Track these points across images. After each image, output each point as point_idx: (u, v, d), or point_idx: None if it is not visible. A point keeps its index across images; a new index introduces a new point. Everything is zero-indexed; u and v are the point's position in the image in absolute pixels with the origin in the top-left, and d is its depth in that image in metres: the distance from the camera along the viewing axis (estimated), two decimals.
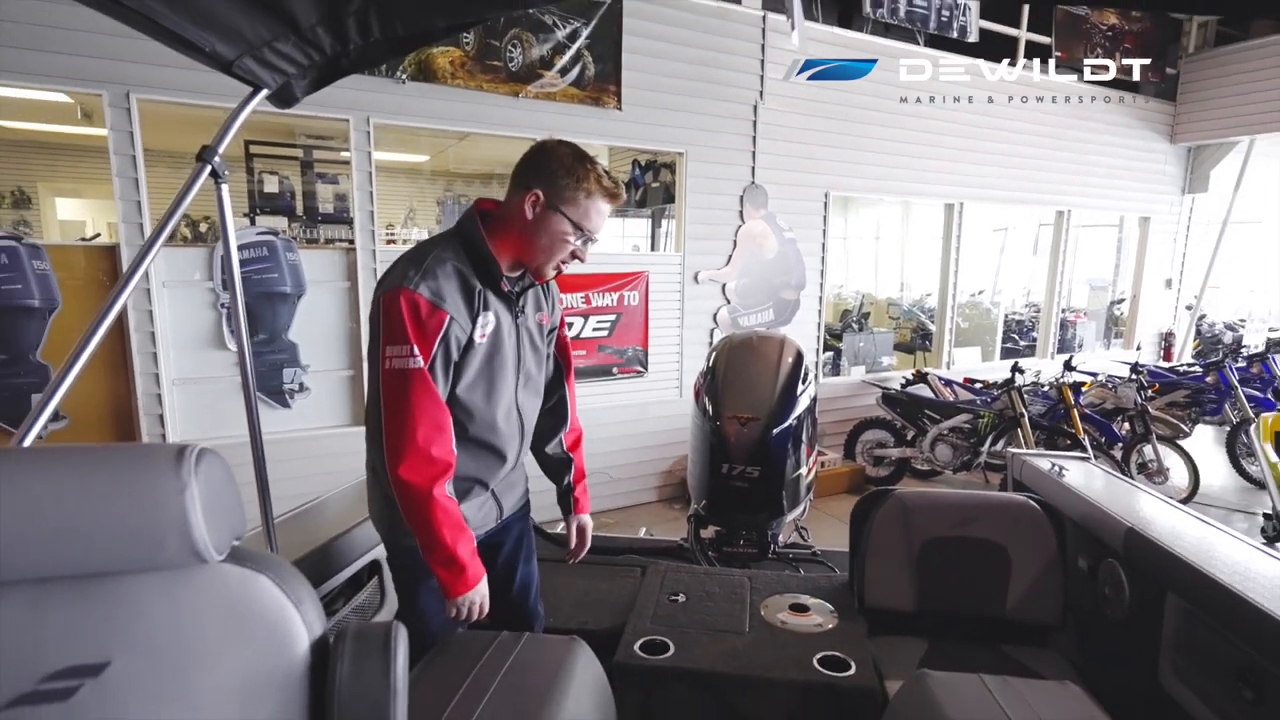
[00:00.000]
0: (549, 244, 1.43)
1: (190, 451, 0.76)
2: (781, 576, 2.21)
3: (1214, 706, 1.45)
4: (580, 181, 1.40)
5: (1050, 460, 2.36)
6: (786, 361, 2.60)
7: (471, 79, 4.22)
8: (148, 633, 0.75)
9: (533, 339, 1.58)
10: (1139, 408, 5.33)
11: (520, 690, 1.27)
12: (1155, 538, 1.69)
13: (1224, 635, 1.42)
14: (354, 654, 0.82)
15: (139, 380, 3.74)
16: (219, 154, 1.24)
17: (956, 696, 1.28)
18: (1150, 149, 7.57)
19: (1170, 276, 8.29)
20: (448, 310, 1.34)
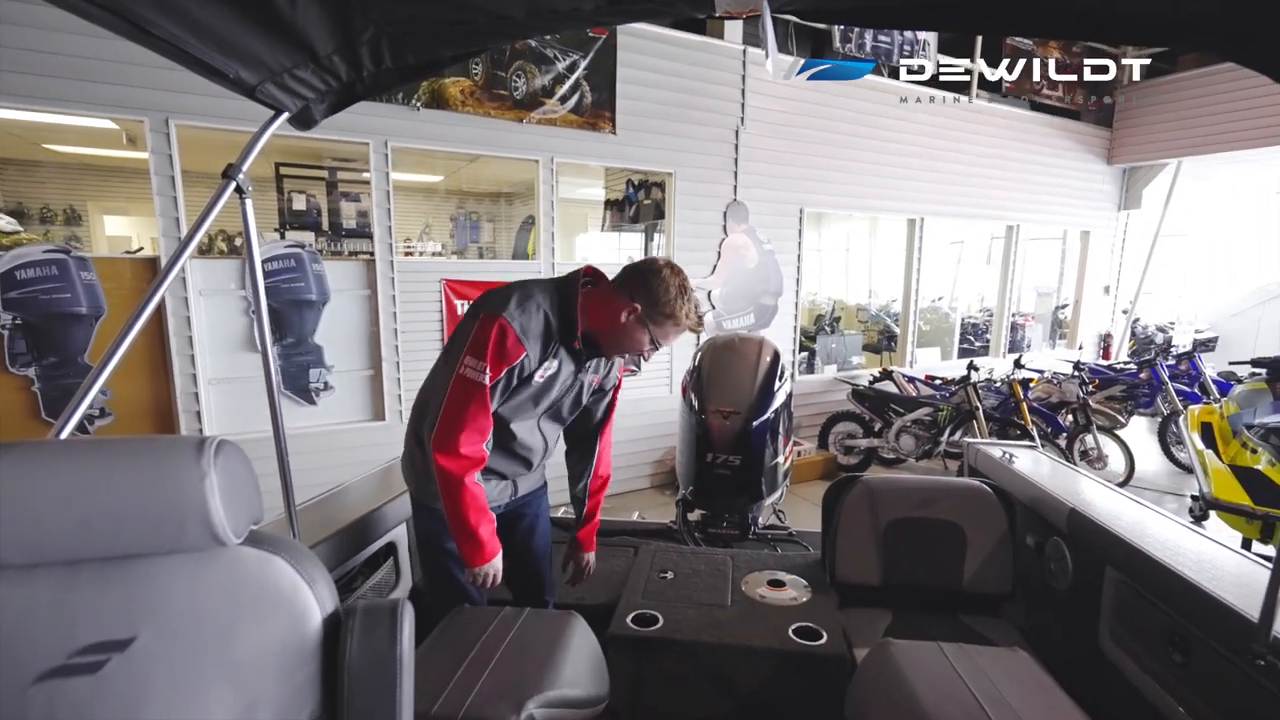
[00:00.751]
0: (628, 344, 1.54)
1: (210, 443, 0.74)
2: (761, 555, 2.19)
3: (1147, 668, 1.44)
4: (674, 314, 1.49)
5: (1001, 449, 2.35)
6: (765, 361, 2.58)
7: (480, 106, 4.20)
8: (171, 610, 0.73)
9: (580, 392, 1.66)
10: (1081, 401, 5.34)
11: (521, 660, 1.25)
12: (1095, 517, 1.68)
13: (1156, 604, 1.42)
14: (363, 629, 0.80)
15: (178, 380, 3.71)
16: (243, 171, 1.21)
17: (917, 662, 1.27)
18: (1090, 170, 7.60)
19: (1108, 284, 8.32)
20: (526, 348, 1.43)
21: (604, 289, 1.55)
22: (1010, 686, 1.19)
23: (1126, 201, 7.92)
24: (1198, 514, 4.12)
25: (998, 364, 6.83)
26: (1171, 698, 1.35)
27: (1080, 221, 7.76)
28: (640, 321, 1.49)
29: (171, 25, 0.98)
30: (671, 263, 1.54)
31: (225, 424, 3.88)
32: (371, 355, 4.21)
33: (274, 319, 3.90)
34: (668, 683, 1.68)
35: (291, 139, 5.00)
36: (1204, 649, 1.27)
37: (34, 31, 3.15)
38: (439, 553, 1.64)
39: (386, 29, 1.13)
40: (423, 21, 1.11)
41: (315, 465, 3.99)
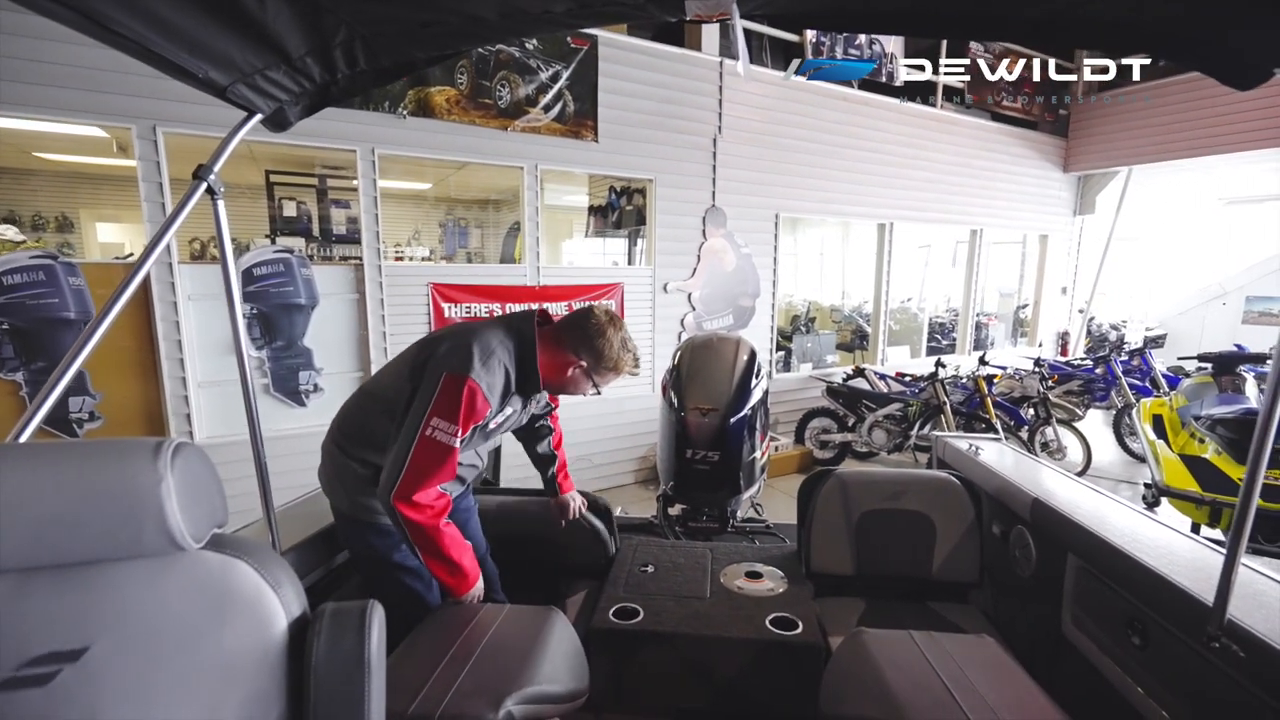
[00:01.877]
0: (573, 389, 1.62)
1: (167, 445, 0.69)
2: (739, 547, 2.17)
3: (1107, 651, 1.43)
4: (616, 367, 1.56)
5: (968, 442, 2.35)
6: (742, 359, 2.56)
7: (465, 115, 4.13)
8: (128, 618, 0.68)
9: (525, 413, 1.72)
10: (1041, 395, 5.39)
11: (501, 656, 1.21)
12: (1057, 506, 1.67)
13: (1115, 589, 1.41)
14: (330, 632, 0.76)
15: (167, 383, 3.60)
16: (214, 172, 1.16)
17: (888, 651, 1.24)
18: (1047, 177, 7.70)
19: (1065, 285, 8.44)
20: (491, 404, 1.44)
21: (550, 338, 1.54)
22: (978, 673, 1.17)
23: (1081, 207, 8.03)
24: (1150, 500, 4.17)
25: (964, 361, 6.89)
26: (1131, 679, 1.34)
27: (1039, 226, 7.86)
28: (586, 374, 1.57)
29: (137, 24, 0.93)
30: (612, 315, 1.57)
31: (216, 426, 3.78)
32: (360, 358, 4.13)
33: (263, 323, 3.81)
34: (648, 674, 1.64)
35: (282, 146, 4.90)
36: (1161, 632, 1.26)
37: (19, 39, 3.04)
38: (390, 568, 1.51)
39: (359, 30, 1.09)
40: (395, 23, 1.07)
41: (306, 466, 3.86)
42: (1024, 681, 1.16)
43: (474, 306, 4.34)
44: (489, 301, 4.38)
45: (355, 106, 3.82)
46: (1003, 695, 1.10)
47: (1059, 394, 6.15)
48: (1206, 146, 6.63)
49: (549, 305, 4.59)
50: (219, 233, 1.23)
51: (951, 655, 1.22)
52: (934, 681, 1.13)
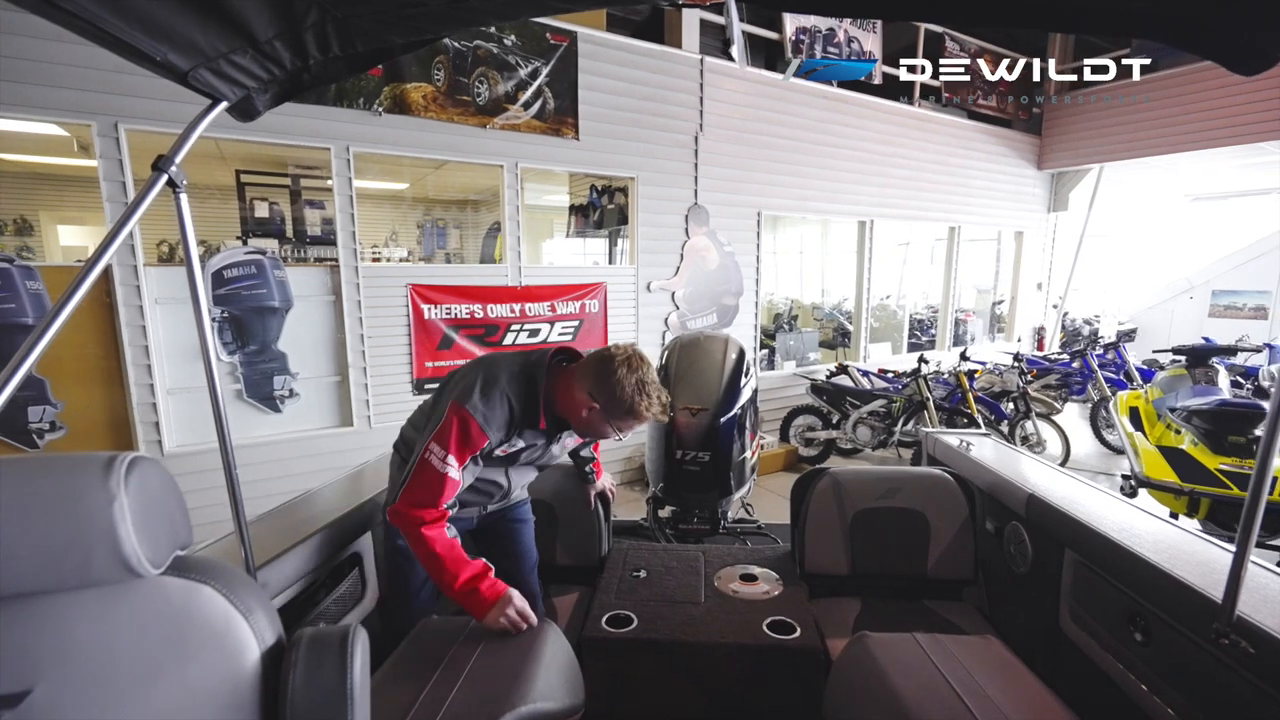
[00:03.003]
0: (594, 433, 1.56)
1: (120, 461, 0.61)
2: (732, 549, 2.13)
3: (1108, 647, 1.42)
4: (634, 411, 1.45)
5: (959, 437, 2.34)
6: (730, 358, 2.52)
7: (443, 112, 4.04)
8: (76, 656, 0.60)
9: (550, 452, 1.67)
10: (1021, 390, 5.45)
11: (492, 673, 1.15)
12: (1053, 502, 1.66)
13: (1115, 585, 1.39)
14: (308, 661, 0.69)
15: (134, 391, 3.46)
16: (175, 163, 1.07)
17: (893, 655, 1.21)
18: (1021, 174, 7.81)
19: (1040, 280, 8.57)
20: (489, 436, 1.42)
21: (570, 377, 1.51)
22: (985, 676, 1.14)
23: (1055, 204, 8.16)
24: (1129, 491, 4.23)
25: (944, 357, 6.95)
26: (1134, 676, 1.33)
27: (1014, 223, 7.97)
28: (600, 417, 1.48)
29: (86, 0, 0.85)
30: (632, 356, 1.47)
31: (186, 435, 3.64)
32: (338, 361, 4.01)
33: (235, 326, 3.68)
34: (644, 684, 1.59)
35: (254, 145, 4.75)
36: (1165, 628, 1.25)
37: None
38: (398, 555, 1.62)
39: (332, 13, 1.01)
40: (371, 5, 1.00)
41: (281, 474, 3.78)
42: (1032, 684, 1.13)
43: (454, 308, 4.25)
44: (469, 302, 4.29)
45: (329, 103, 3.71)
46: (1013, 699, 1.07)
47: (1037, 388, 6.24)
48: (1174, 144, 6.77)
49: (530, 305, 4.52)
50: (182, 229, 1.15)
51: (957, 658, 1.19)
52: (942, 686, 1.09)
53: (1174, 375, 4.73)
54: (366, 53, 1.15)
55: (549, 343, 4.66)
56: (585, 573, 2.01)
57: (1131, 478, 4.21)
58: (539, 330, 4.59)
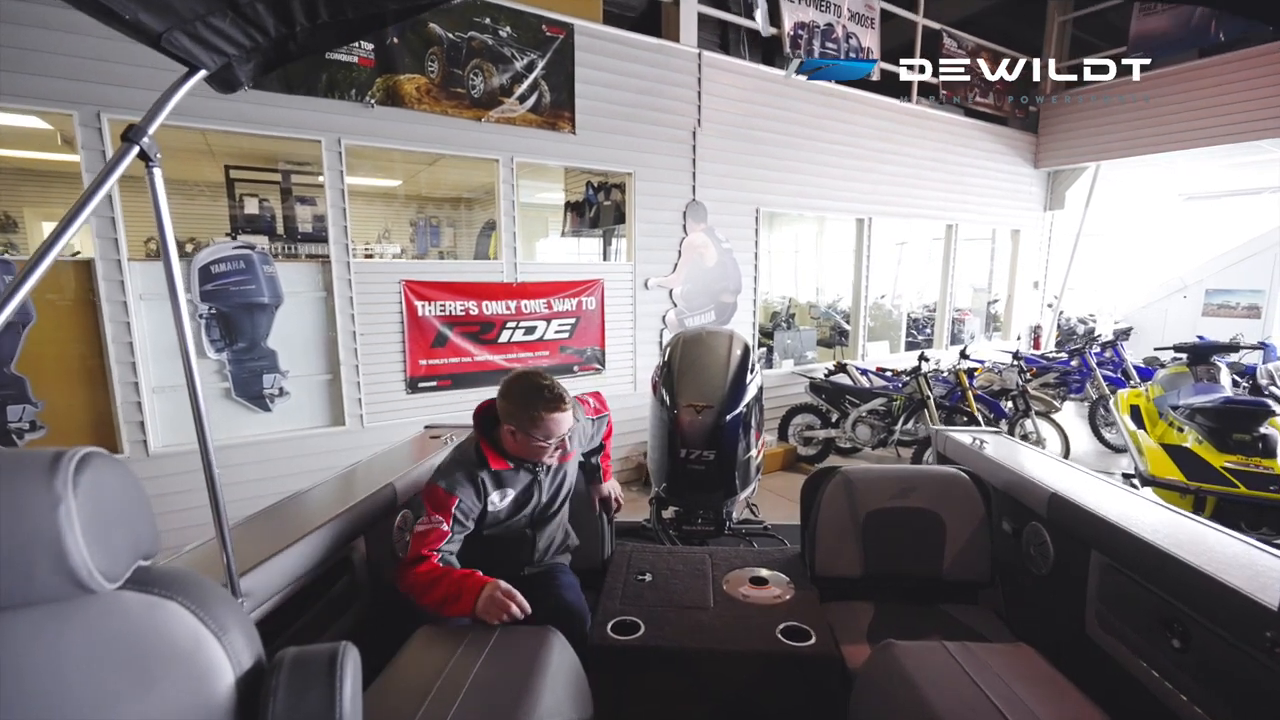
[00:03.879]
0: (534, 452, 1.65)
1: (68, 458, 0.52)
2: (739, 551, 2.05)
3: (1141, 653, 1.35)
4: (533, 414, 1.59)
5: (971, 435, 2.27)
6: (735, 354, 2.45)
7: (437, 104, 3.94)
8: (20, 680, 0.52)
9: (555, 481, 1.80)
10: (1020, 389, 5.41)
11: (494, 687, 1.07)
12: (1078, 501, 1.59)
13: (1148, 589, 1.32)
14: (291, 685, 0.60)
15: (118, 389, 3.35)
16: (149, 134, 0.99)
17: (923, 665, 1.13)
18: (1018, 172, 7.79)
19: (1037, 279, 8.56)
20: (457, 495, 1.61)
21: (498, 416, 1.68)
22: (1024, 687, 1.07)
23: (1052, 202, 8.15)
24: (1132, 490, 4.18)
25: (942, 355, 6.91)
26: (1170, 684, 1.26)
27: (1011, 221, 7.94)
28: (522, 438, 1.62)
29: None
30: (519, 372, 1.66)
31: (172, 435, 3.53)
32: (329, 360, 3.91)
33: (223, 323, 3.57)
34: (652, 695, 1.51)
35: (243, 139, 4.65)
36: (1206, 634, 1.18)
37: None
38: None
39: None
40: None
41: (273, 474, 3.67)
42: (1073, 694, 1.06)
43: (448, 304, 4.16)
44: (464, 299, 4.20)
45: (319, 94, 3.61)
46: (1054, 711, 0.99)
47: (1036, 387, 6.20)
48: (1170, 142, 6.76)
49: (526, 302, 4.43)
50: (156, 208, 1.06)
51: (991, 668, 1.12)
52: (979, 700, 1.02)
53: (1175, 373, 4.69)
54: (357, 20, 1.07)
55: (545, 341, 4.58)
56: (588, 576, 1.93)
57: (1135, 476, 4.16)
58: (535, 328, 4.50)
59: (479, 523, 1.68)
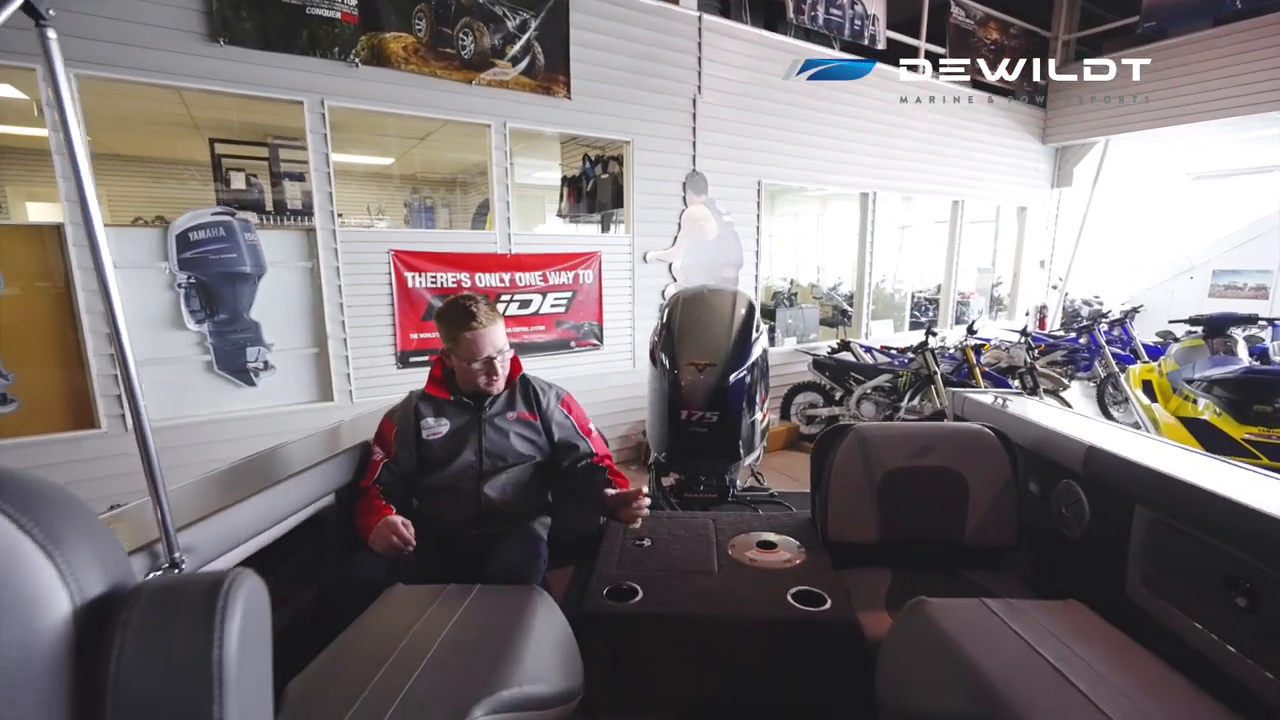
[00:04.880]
0: (470, 376, 1.68)
1: None
2: (745, 516, 1.90)
3: (1196, 615, 1.20)
4: (452, 331, 1.64)
5: (993, 394, 2.12)
6: (740, 312, 2.30)
7: (425, 65, 3.76)
8: None
9: (502, 429, 1.71)
10: (1028, 366, 5.27)
11: (469, 650, 0.92)
12: (1119, 452, 1.44)
13: (1209, 543, 1.18)
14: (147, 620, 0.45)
15: (93, 362, 3.19)
16: None
17: (964, 624, 0.99)
18: (1025, 148, 7.59)
19: (1043, 258, 8.38)
20: (395, 423, 1.73)
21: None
22: (1083, 646, 0.92)
23: (1059, 179, 7.96)
24: None
25: (947, 334, 6.75)
26: (1232, 648, 1.11)
27: (1018, 198, 7.76)
28: (457, 356, 1.65)
29: None
30: (448, 299, 1.71)
31: (153, 409, 3.35)
32: (316, 332, 3.75)
33: (203, 293, 3.41)
34: (651, 664, 1.37)
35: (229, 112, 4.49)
36: (1276, 588, 1.03)
37: None
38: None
39: None
40: None
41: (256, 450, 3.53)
42: (1140, 654, 0.92)
43: (440, 276, 3.99)
44: (455, 271, 4.04)
45: (300, 51, 3.43)
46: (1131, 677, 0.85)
47: (1044, 365, 6.05)
48: (1182, 115, 6.57)
49: (520, 275, 4.27)
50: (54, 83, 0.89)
51: (1044, 627, 0.97)
52: (1036, 663, 0.87)
53: (1190, 346, 4.55)
54: None
55: (541, 315, 4.43)
56: (581, 544, 1.78)
57: None
58: (530, 301, 4.34)
59: (419, 453, 1.68)
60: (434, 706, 0.76)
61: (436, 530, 1.61)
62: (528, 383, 1.80)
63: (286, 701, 0.78)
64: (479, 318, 1.62)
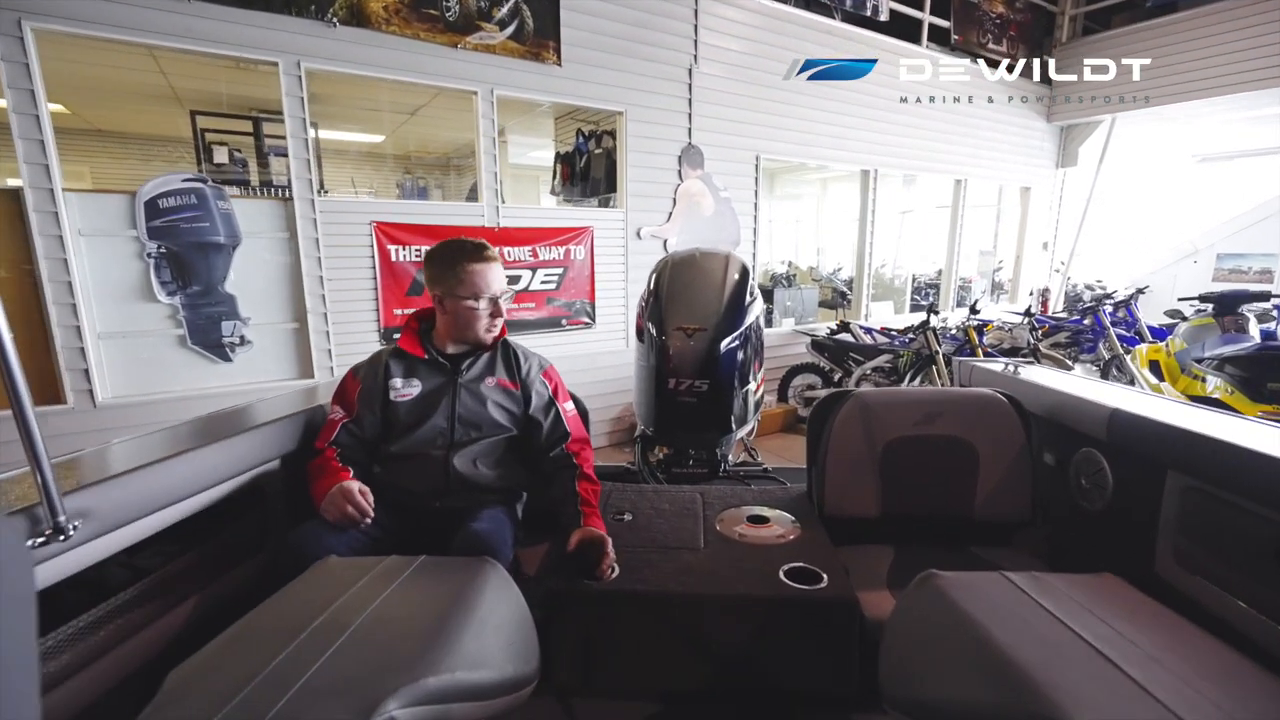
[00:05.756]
0: (466, 320, 1.51)
1: None
2: (736, 490, 1.76)
3: (1239, 592, 1.06)
4: (454, 266, 1.47)
5: (1004, 363, 1.97)
6: (733, 276, 2.14)
7: (408, 26, 3.57)
8: None
9: (478, 395, 1.55)
10: (1032, 346, 5.13)
11: (397, 626, 0.78)
12: (1149, 415, 1.30)
13: (1252, 510, 1.03)
14: None
15: (58, 333, 3.04)
16: None
17: (983, 598, 0.84)
18: (1030, 126, 7.39)
19: (1046, 240, 8.20)
20: (361, 381, 1.54)
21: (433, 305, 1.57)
22: (1124, 623, 0.78)
23: (1064, 159, 7.76)
24: None
25: (948, 315, 6.60)
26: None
27: (1021, 177, 7.57)
28: (452, 302, 1.49)
29: None
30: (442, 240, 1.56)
31: (123, 385, 3.24)
32: (294, 306, 3.59)
33: (174, 264, 3.25)
34: (628, 648, 1.23)
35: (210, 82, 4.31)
36: None
37: None
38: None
39: None
40: None
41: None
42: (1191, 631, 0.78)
43: (424, 249, 3.81)
44: None
45: (276, 9, 3.24)
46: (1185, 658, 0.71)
47: (1047, 346, 5.90)
48: (1185, 92, 6.37)
49: (509, 249, 4.10)
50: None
51: (1077, 602, 0.83)
52: (1070, 640, 0.73)
53: (1199, 325, 4.39)
54: None
55: (531, 292, 4.26)
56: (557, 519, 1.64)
57: None
58: (519, 277, 4.18)
59: (384, 415, 1.52)
60: (336, 698, 0.62)
61: (398, 500, 1.46)
62: (510, 348, 1.64)
63: (161, 693, 0.64)
64: (489, 250, 1.49)
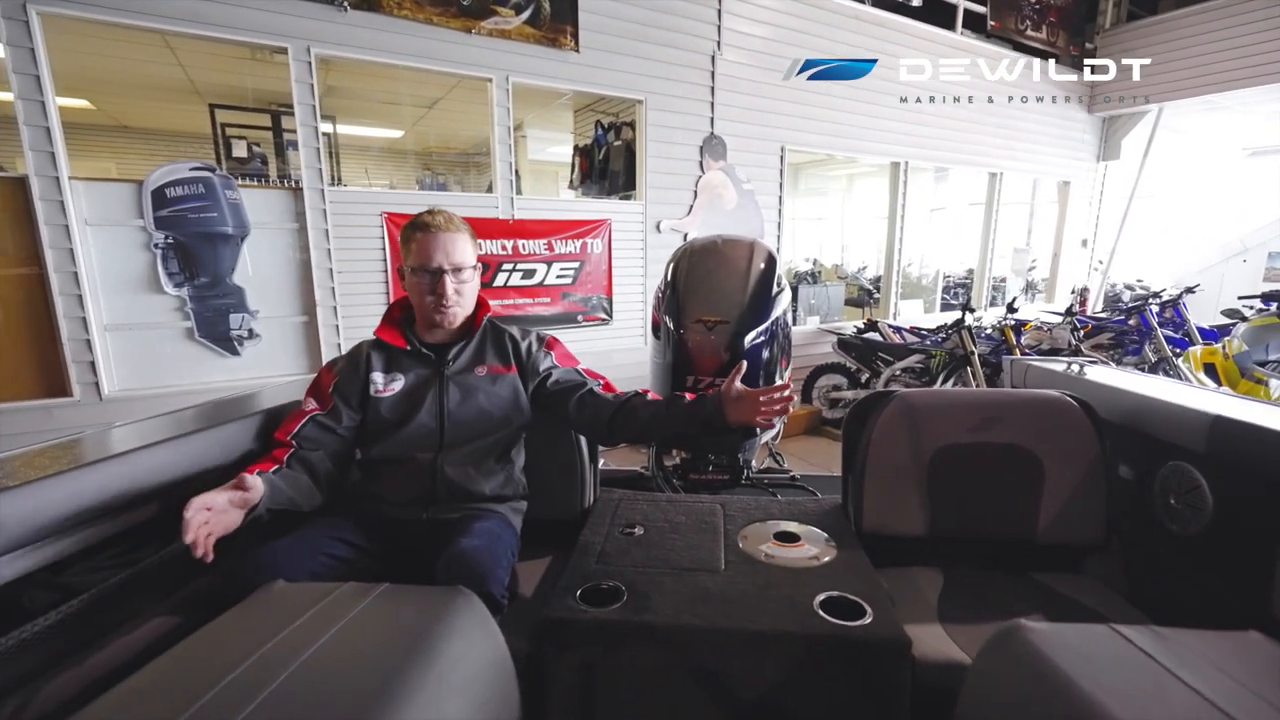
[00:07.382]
0: (417, 296, 1.39)
1: None
2: (761, 502, 1.56)
3: None
4: (409, 235, 1.37)
5: (1064, 363, 1.75)
6: (757, 265, 1.94)
7: (420, 10, 3.44)
8: None
9: (469, 388, 1.39)
10: (1073, 347, 4.82)
11: (338, 675, 0.61)
12: (1267, 425, 1.08)
13: None
14: None
15: (64, 325, 2.97)
16: None
17: (1087, 658, 0.65)
18: (1069, 117, 7.03)
19: (1086, 237, 7.81)
20: (337, 373, 1.41)
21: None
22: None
23: (1106, 152, 7.37)
24: None
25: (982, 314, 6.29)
26: None
27: (1060, 171, 7.20)
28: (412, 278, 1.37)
29: None
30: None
31: (130, 378, 3.16)
32: (304, 299, 3.49)
33: (182, 255, 3.16)
34: (634, 688, 1.05)
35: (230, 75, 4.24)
36: None
37: None
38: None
39: None
40: None
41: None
42: None
43: None
44: None
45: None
46: None
47: (1089, 347, 5.57)
48: (1242, 77, 5.96)
49: (524, 242, 3.96)
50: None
51: (1224, 671, 0.63)
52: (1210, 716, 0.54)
53: (1262, 325, 4.06)
54: None
55: (546, 286, 4.11)
56: (561, 530, 1.46)
57: None
58: (534, 271, 4.03)
59: (364, 413, 1.37)
60: None
61: (378, 512, 1.30)
62: (497, 329, 1.46)
63: None
64: (436, 220, 1.35)
